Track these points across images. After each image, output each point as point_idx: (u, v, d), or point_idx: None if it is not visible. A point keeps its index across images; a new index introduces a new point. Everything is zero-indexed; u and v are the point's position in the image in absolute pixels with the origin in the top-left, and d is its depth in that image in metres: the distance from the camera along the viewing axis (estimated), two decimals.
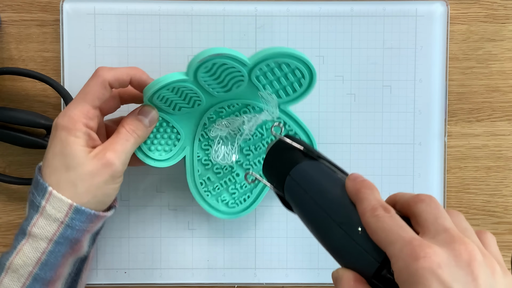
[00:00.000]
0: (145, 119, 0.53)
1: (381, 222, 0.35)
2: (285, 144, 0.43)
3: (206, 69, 0.51)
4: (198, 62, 0.51)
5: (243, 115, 0.56)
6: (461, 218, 0.37)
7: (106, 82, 0.50)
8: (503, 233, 0.62)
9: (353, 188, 0.38)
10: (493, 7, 0.61)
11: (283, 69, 0.53)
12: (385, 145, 0.61)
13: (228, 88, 0.54)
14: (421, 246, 0.33)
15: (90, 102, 0.50)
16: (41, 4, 0.60)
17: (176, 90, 0.52)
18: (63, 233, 0.50)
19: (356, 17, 0.60)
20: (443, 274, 0.32)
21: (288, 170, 0.42)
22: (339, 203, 0.38)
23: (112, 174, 0.50)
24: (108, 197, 0.52)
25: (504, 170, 0.62)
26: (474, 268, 0.33)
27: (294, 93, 0.55)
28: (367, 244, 0.35)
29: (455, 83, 0.61)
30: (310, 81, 0.54)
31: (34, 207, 0.50)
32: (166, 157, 0.56)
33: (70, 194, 0.49)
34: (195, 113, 0.56)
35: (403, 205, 0.38)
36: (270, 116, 0.55)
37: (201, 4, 0.59)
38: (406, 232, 0.34)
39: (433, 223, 0.35)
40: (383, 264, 0.35)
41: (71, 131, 0.50)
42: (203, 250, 0.61)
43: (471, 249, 0.33)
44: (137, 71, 0.52)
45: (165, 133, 0.55)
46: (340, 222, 0.37)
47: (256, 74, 0.53)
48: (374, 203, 0.36)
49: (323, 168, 0.41)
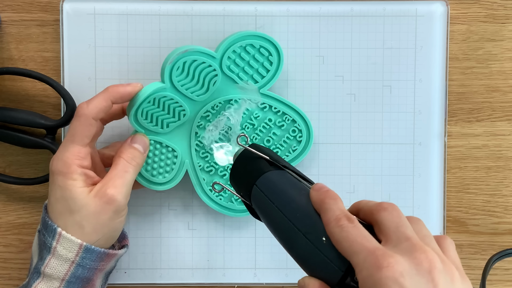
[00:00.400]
0: (139, 146, 0.53)
1: (345, 232, 0.36)
2: (251, 153, 0.43)
3: (178, 70, 0.53)
4: (169, 65, 0.52)
5: (224, 112, 0.56)
6: (421, 225, 0.38)
7: (90, 118, 0.51)
8: (503, 233, 0.62)
9: (317, 198, 0.39)
10: (493, 7, 0.61)
11: (249, 51, 0.55)
12: (385, 145, 0.61)
13: (206, 88, 0.55)
14: (383, 256, 0.34)
15: (79, 142, 0.51)
16: (41, 4, 0.60)
17: (158, 102, 0.53)
18: (75, 272, 0.51)
19: (356, 17, 0.60)
20: (404, 283, 0.33)
21: (254, 180, 0.42)
22: (304, 213, 0.39)
23: (116, 210, 0.51)
24: (115, 231, 0.53)
25: (504, 170, 0.62)
26: (435, 276, 0.34)
27: (268, 73, 0.56)
28: (332, 253, 0.36)
29: (455, 83, 0.61)
30: (278, 56, 0.56)
31: (46, 247, 0.51)
32: (170, 178, 0.56)
33: (78, 236, 0.50)
34: (184, 126, 0.56)
35: (366, 213, 0.39)
36: (253, 104, 0.56)
37: (201, 4, 0.59)
38: (369, 242, 0.36)
39: (395, 232, 0.36)
40: (347, 273, 0.36)
41: (66, 174, 0.50)
42: (203, 250, 0.61)
43: (431, 258, 0.35)
44: (112, 89, 0.52)
45: (161, 154, 0.56)
46: (305, 232, 0.38)
47: (226, 64, 0.55)
48: (338, 213, 0.37)
49: (288, 177, 0.42)
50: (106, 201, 0.50)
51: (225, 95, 0.56)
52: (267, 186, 0.41)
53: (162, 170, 0.56)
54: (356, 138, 0.61)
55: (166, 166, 0.56)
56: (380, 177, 0.61)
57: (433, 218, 0.61)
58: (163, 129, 0.55)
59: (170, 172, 0.56)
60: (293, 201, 0.39)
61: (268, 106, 0.57)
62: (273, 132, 0.58)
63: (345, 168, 0.61)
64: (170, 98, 0.54)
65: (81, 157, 0.51)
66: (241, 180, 0.44)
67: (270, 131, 0.58)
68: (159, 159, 0.56)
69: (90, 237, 0.51)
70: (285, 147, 0.58)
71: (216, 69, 0.55)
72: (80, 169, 0.51)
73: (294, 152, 0.58)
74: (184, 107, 0.54)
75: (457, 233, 0.62)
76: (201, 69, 0.54)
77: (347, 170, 0.61)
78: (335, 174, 0.61)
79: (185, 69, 0.53)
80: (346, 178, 0.61)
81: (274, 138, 0.58)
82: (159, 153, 0.55)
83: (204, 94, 0.55)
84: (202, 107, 0.56)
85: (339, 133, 0.60)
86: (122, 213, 0.52)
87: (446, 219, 0.61)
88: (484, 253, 0.62)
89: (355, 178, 0.61)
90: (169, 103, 0.54)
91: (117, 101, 0.52)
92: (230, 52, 0.55)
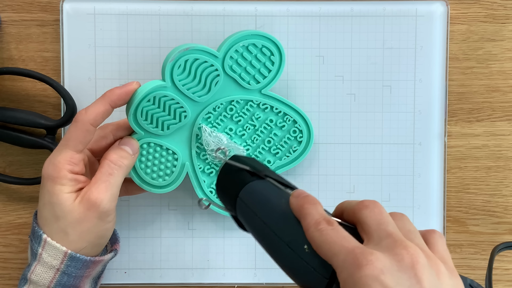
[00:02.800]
0: (127, 147, 0.52)
1: (324, 235, 0.35)
2: (232, 166, 0.43)
3: (180, 69, 0.53)
4: (170, 62, 0.52)
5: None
6: (405, 220, 0.37)
7: (87, 124, 0.50)
8: (503, 233, 0.62)
9: (296, 205, 0.38)
10: (493, 7, 0.61)
11: (251, 51, 0.55)
12: (385, 145, 0.61)
13: (207, 88, 0.55)
14: (363, 254, 0.33)
15: (73, 147, 0.50)
16: (41, 4, 0.60)
17: (158, 102, 0.53)
18: (60, 280, 0.50)
19: (356, 17, 0.60)
20: (386, 280, 0.32)
21: (237, 192, 0.42)
22: (285, 222, 0.38)
23: (100, 216, 0.49)
24: (101, 238, 0.51)
25: (504, 170, 0.62)
26: (418, 271, 0.33)
27: (270, 73, 0.56)
28: (314, 261, 0.36)
29: (455, 83, 0.61)
30: (279, 56, 0.56)
31: (33, 254, 0.51)
32: (170, 181, 0.56)
33: (64, 243, 0.49)
34: (185, 128, 0.56)
35: (349, 213, 0.38)
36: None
37: (201, 4, 0.59)
38: (348, 242, 0.34)
39: (376, 229, 0.35)
40: (332, 280, 0.35)
41: (55, 179, 0.49)
42: (203, 250, 0.61)
43: (413, 252, 0.33)
44: (109, 92, 0.51)
45: (161, 157, 0.55)
46: (288, 241, 0.37)
47: (229, 64, 0.55)
48: (317, 218, 0.36)
49: (269, 186, 0.41)
50: (89, 207, 0.49)
51: (226, 96, 0.56)
52: (249, 197, 0.41)
53: (163, 173, 0.56)
54: (356, 138, 0.61)
55: (167, 169, 0.56)
56: (380, 177, 0.61)
57: (433, 218, 0.61)
58: (164, 131, 0.54)
59: (170, 175, 0.56)
60: (274, 211, 0.39)
61: (269, 107, 0.57)
62: (274, 133, 0.57)
63: (345, 168, 0.61)
64: (171, 98, 0.53)
65: (73, 162, 0.50)
66: (225, 194, 0.44)
67: (271, 131, 0.57)
68: (159, 162, 0.55)
69: (75, 244, 0.49)
70: (286, 147, 0.58)
71: (218, 69, 0.54)
72: (70, 174, 0.49)
73: (294, 153, 0.58)
74: (185, 108, 0.54)
75: (457, 233, 0.62)
76: (203, 69, 0.54)
77: (347, 170, 0.61)
78: (335, 174, 0.61)
79: (187, 68, 0.53)
80: (346, 178, 0.61)
81: (275, 138, 0.58)
82: (159, 156, 0.55)
83: (206, 94, 0.55)
84: (203, 109, 0.56)
85: (339, 133, 0.60)
86: (108, 219, 0.50)
87: (446, 219, 0.61)
88: (484, 253, 0.62)
89: (355, 178, 0.61)
90: (170, 104, 0.54)
91: (115, 103, 0.51)
92: (232, 51, 0.55)
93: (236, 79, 0.56)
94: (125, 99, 0.52)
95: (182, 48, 0.53)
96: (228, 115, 0.56)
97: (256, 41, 0.55)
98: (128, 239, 0.61)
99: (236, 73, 0.56)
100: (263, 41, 0.55)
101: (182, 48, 0.53)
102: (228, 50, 0.55)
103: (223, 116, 0.56)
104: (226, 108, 0.56)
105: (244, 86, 0.56)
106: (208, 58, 0.54)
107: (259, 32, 0.55)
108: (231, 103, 0.56)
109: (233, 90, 0.56)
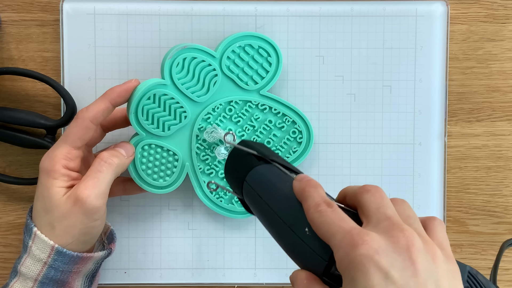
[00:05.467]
0: (121, 149, 0.53)
1: (324, 216, 0.36)
2: (239, 151, 0.44)
3: (178, 67, 0.53)
4: (168, 60, 0.53)
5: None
6: (405, 206, 0.38)
7: (87, 121, 0.50)
8: (503, 233, 0.62)
9: (299, 188, 0.39)
10: (493, 7, 0.61)
11: (248, 52, 0.56)
12: (385, 145, 0.61)
13: (206, 88, 0.55)
14: (359, 234, 0.34)
15: (71, 143, 0.51)
16: (41, 4, 0.60)
17: (158, 100, 0.53)
18: (47, 273, 0.50)
19: (356, 17, 0.60)
20: (380, 260, 0.33)
21: (244, 176, 0.43)
22: (288, 205, 0.39)
23: (85, 212, 0.49)
24: (87, 235, 0.51)
25: (504, 170, 0.62)
26: (412, 253, 0.33)
27: (268, 74, 0.56)
28: (314, 243, 0.37)
29: (455, 83, 0.61)
30: (276, 57, 0.56)
31: (24, 246, 0.51)
32: (171, 181, 0.56)
33: (51, 237, 0.50)
34: (185, 128, 0.56)
35: (351, 197, 0.39)
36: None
37: (201, 4, 0.59)
38: (346, 223, 0.35)
39: (375, 212, 0.36)
40: (331, 261, 0.36)
41: (50, 173, 0.50)
42: (203, 250, 0.61)
43: (409, 235, 0.34)
44: (109, 90, 0.52)
45: (162, 158, 0.56)
46: (290, 224, 0.38)
47: (226, 64, 0.55)
48: (317, 200, 0.37)
49: (275, 171, 0.42)
50: (75, 202, 0.49)
51: (225, 97, 0.56)
52: (255, 181, 0.42)
53: (163, 174, 0.56)
54: (356, 138, 0.61)
55: (167, 170, 0.56)
56: (380, 177, 0.61)
57: None
58: (164, 131, 0.55)
59: (171, 175, 0.56)
60: (278, 194, 0.40)
61: (268, 108, 0.57)
62: (273, 134, 0.58)
63: (345, 168, 0.61)
64: (171, 97, 0.54)
65: (69, 158, 0.51)
66: (233, 178, 0.45)
67: (270, 132, 0.58)
68: (160, 163, 0.56)
69: (60, 239, 0.50)
70: (286, 148, 0.58)
71: (216, 68, 0.55)
72: (64, 169, 0.50)
73: (294, 154, 0.58)
74: (185, 108, 0.55)
75: (457, 233, 0.62)
76: (201, 68, 0.54)
77: (347, 170, 0.61)
78: (335, 174, 0.61)
79: (185, 66, 0.54)
80: (346, 178, 0.61)
81: (275, 139, 0.58)
82: (160, 157, 0.56)
83: (205, 94, 0.55)
84: (203, 109, 0.56)
85: (339, 133, 0.60)
86: (95, 217, 0.50)
87: (446, 219, 0.61)
88: (484, 253, 0.62)
89: (355, 178, 0.61)
90: (170, 103, 0.54)
91: (115, 100, 0.52)
92: (229, 52, 0.55)
93: (234, 80, 0.56)
94: (125, 97, 0.52)
95: (180, 46, 0.54)
96: (228, 116, 0.57)
97: (252, 42, 0.56)
98: (128, 239, 0.61)
99: (234, 74, 0.56)
100: (259, 42, 0.56)
101: (180, 46, 0.54)
102: (224, 51, 0.55)
103: (223, 117, 0.56)
104: (225, 108, 0.56)
105: (242, 87, 0.56)
106: (206, 58, 0.54)
107: (255, 34, 0.56)
108: (230, 104, 0.56)
109: (231, 90, 0.56)
